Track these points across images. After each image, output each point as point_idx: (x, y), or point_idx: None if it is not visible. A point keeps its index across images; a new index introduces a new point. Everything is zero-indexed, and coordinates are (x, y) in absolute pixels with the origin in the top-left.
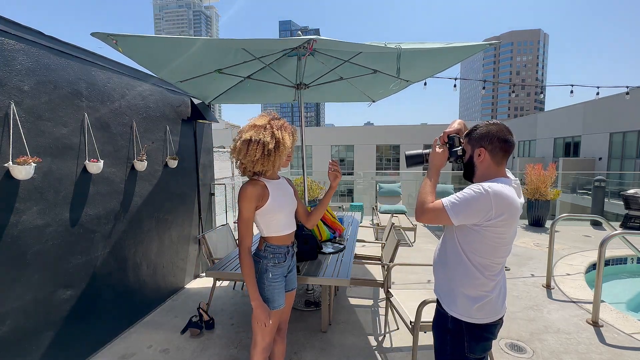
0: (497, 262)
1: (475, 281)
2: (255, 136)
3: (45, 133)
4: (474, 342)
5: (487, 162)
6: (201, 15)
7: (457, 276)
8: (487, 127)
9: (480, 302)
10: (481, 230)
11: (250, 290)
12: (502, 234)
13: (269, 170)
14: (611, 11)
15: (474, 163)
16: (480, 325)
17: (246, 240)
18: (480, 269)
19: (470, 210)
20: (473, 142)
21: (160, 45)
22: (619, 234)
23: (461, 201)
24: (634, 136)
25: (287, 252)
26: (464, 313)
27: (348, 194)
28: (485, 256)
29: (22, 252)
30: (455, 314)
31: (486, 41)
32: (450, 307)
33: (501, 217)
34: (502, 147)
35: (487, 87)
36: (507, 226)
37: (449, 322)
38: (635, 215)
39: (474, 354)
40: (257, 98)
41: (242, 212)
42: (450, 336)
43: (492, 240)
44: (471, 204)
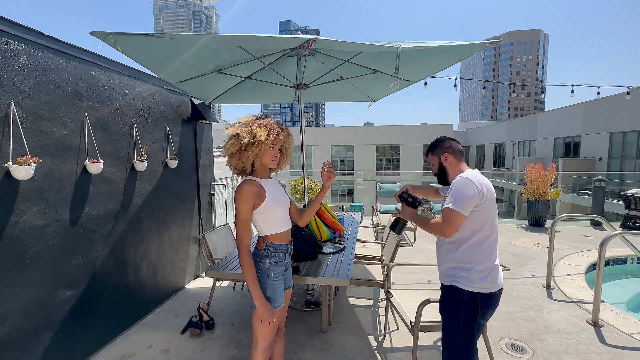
0: (492, 233)
1: (483, 255)
2: (233, 131)
3: (45, 133)
4: (486, 309)
5: (453, 162)
6: (201, 15)
7: (469, 255)
8: (440, 139)
9: (490, 273)
10: (479, 210)
11: (253, 289)
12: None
13: (248, 166)
14: (611, 11)
15: (444, 167)
16: (491, 294)
17: (245, 240)
18: (484, 243)
19: (468, 198)
20: (437, 153)
21: (160, 43)
22: (619, 234)
23: (457, 196)
24: (634, 136)
25: (286, 250)
26: (480, 286)
27: (348, 194)
28: (485, 230)
29: (22, 252)
30: (472, 288)
31: (486, 41)
32: (467, 284)
33: (485, 192)
34: (457, 147)
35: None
36: (491, 199)
37: (464, 295)
38: (635, 215)
39: (483, 319)
40: (257, 98)
41: (239, 212)
42: (465, 307)
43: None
44: (465, 193)
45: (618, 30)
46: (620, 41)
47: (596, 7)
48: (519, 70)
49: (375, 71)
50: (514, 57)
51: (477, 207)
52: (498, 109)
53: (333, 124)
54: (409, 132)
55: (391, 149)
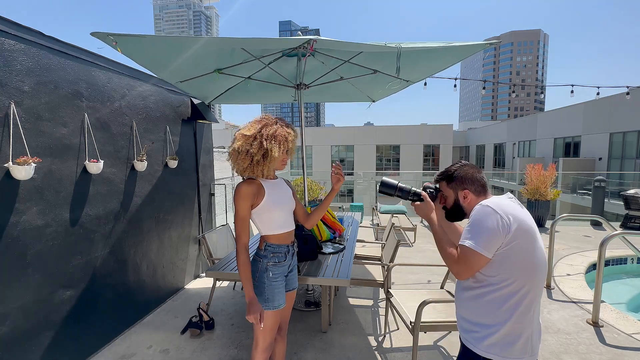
0: (526, 285)
1: (509, 314)
2: (242, 147)
3: (45, 133)
4: None
5: (473, 199)
6: (201, 15)
7: (489, 310)
8: (462, 169)
9: (518, 340)
10: (506, 251)
11: (245, 286)
12: (523, 247)
13: (259, 175)
14: (611, 11)
15: (461, 205)
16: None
17: (242, 238)
18: (513, 298)
19: (492, 234)
20: (455, 186)
21: (160, 45)
22: (619, 234)
23: (476, 230)
24: (634, 136)
25: (287, 251)
26: (490, 350)
27: (348, 194)
28: (513, 280)
29: (22, 252)
30: (480, 351)
31: (486, 41)
32: (475, 344)
33: (515, 226)
34: (481, 181)
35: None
36: (525, 235)
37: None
38: (635, 215)
39: None
40: (257, 98)
41: (237, 211)
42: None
43: (516, 258)
44: (486, 226)
45: (618, 30)
46: (620, 41)
47: (596, 7)
48: (519, 71)
49: (375, 71)
50: (514, 57)
51: (503, 247)
52: (498, 109)
53: (333, 124)
54: (409, 132)
55: (391, 149)
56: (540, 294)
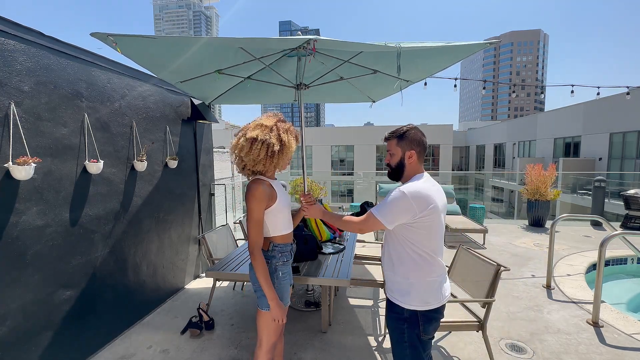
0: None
1: (421, 271)
2: (261, 136)
3: (45, 133)
4: (427, 324)
5: (415, 162)
6: (201, 15)
7: (407, 271)
8: (414, 131)
9: (431, 290)
10: (413, 226)
11: (268, 290)
12: (431, 224)
13: (270, 171)
14: (611, 11)
15: (404, 164)
16: (432, 310)
17: (258, 241)
18: (423, 259)
19: (397, 213)
20: (404, 145)
21: (160, 45)
22: (619, 234)
23: (387, 208)
24: (634, 136)
25: (291, 249)
26: (419, 303)
27: (348, 194)
28: (424, 247)
29: (22, 252)
30: (410, 306)
31: (486, 41)
32: (406, 301)
33: (424, 212)
34: (425, 146)
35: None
36: (434, 216)
37: (404, 312)
38: (635, 215)
39: (427, 334)
40: (257, 98)
41: (253, 213)
42: (407, 324)
43: (425, 231)
44: (395, 208)
45: (618, 30)
46: (620, 41)
47: (596, 7)
48: (519, 71)
49: (375, 71)
50: (514, 57)
51: (410, 224)
52: (498, 109)
53: (333, 124)
54: None
55: None
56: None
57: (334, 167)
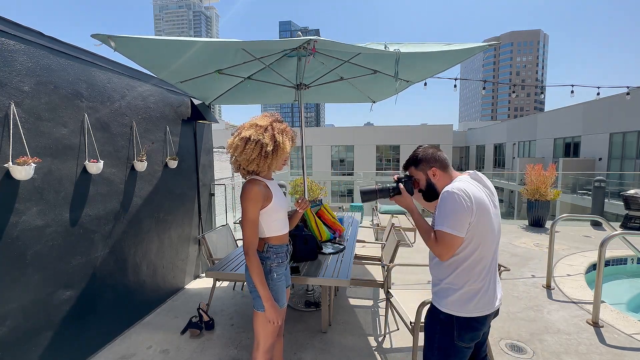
0: (479, 251)
1: (466, 276)
2: (254, 135)
3: (45, 133)
4: (463, 331)
5: (441, 175)
6: (201, 15)
7: (449, 276)
8: (425, 151)
9: (475, 297)
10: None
11: (262, 290)
12: (478, 224)
13: (264, 171)
14: (611, 11)
15: (432, 183)
16: (470, 319)
17: (253, 242)
18: (466, 262)
19: (461, 215)
20: (423, 167)
21: (160, 46)
22: (619, 234)
23: (447, 215)
24: (634, 136)
25: (287, 250)
26: (455, 309)
27: (348, 195)
28: (469, 248)
29: (22, 252)
30: (447, 309)
31: (486, 41)
32: (442, 305)
33: (475, 207)
34: (443, 158)
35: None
36: (481, 213)
37: (440, 314)
38: (635, 215)
39: (463, 342)
40: (257, 99)
41: (247, 214)
42: (440, 326)
43: (475, 235)
44: (456, 210)
45: (618, 30)
46: (620, 41)
47: (596, 7)
48: (519, 71)
49: (375, 72)
50: (514, 57)
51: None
52: (498, 109)
53: (333, 124)
54: (409, 132)
55: (391, 149)
56: (492, 256)
57: (334, 167)
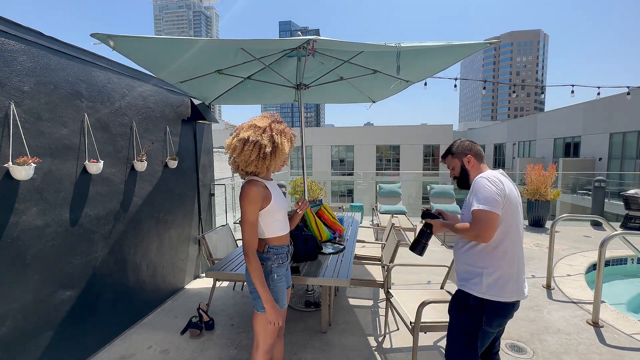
0: (510, 237)
1: (497, 261)
2: (253, 137)
3: (45, 133)
4: (493, 317)
5: (475, 164)
6: (201, 15)
7: (481, 260)
8: (461, 141)
9: (506, 282)
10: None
11: (263, 292)
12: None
13: (263, 172)
14: (611, 11)
15: (466, 170)
16: (502, 303)
17: (253, 243)
18: (499, 247)
19: (496, 195)
20: (459, 155)
21: (160, 46)
22: (619, 234)
23: (483, 195)
24: (634, 136)
25: (287, 251)
26: (490, 293)
27: (348, 195)
28: (501, 233)
29: (22, 252)
30: (478, 293)
31: (486, 41)
32: (474, 290)
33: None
34: (478, 149)
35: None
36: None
37: (470, 299)
38: (635, 215)
39: (490, 327)
40: (257, 99)
41: (247, 215)
42: (469, 312)
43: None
44: (491, 190)
45: (618, 30)
46: (620, 41)
47: (596, 7)
48: (519, 71)
49: (375, 71)
50: (514, 57)
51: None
52: (498, 109)
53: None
54: (409, 132)
55: (391, 149)
56: (520, 245)
57: (334, 167)
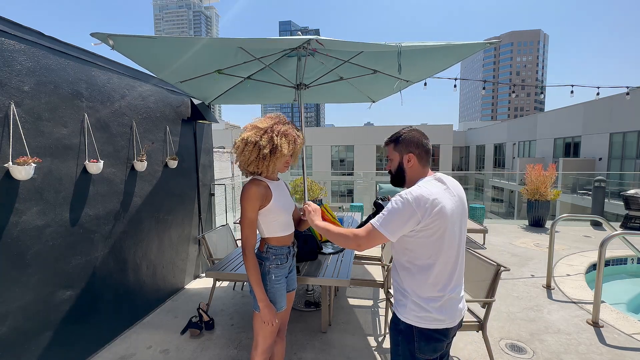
0: (442, 261)
1: (426, 285)
2: (252, 138)
3: (45, 133)
4: (423, 343)
5: (416, 165)
6: (201, 15)
7: (406, 283)
8: (410, 133)
9: (430, 308)
10: (416, 235)
11: (257, 290)
12: (437, 231)
13: (264, 172)
14: (611, 11)
15: (403, 169)
16: (428, 330)
17: (250, 241)
18: (425, 273)
19: (399, 222)
20: (401, 149)
21: (160, 46)
22: (619, 234)
23: (388, 217)
24: (634, 136)
25: (288, 252)
26: (414, 319)
27: (348, 195)
28: (427, 257)
29: (22, 252)
30: (404, 318)
31: (486, 41)
32: (400, 312)
33: (429, 218)
34: (425, 148)
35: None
36: (441, 222)
37: (400, 324)
38: (635, 215)
39: (424, 354)
40: (257, 99)
41: (245, 212)
42: (401, 336)
43: (431, 241)
44: (397, 216)
45: (618, 30)
46: (620, 41)
47: (596, 7)
48: (519, 71)
49: (375, 71)
50: (514, 57)
51: (416, 231)
52: (498, 109)
53: (333, 124)
54: None
55: None
56: (453, 265)
57: (334, 167)
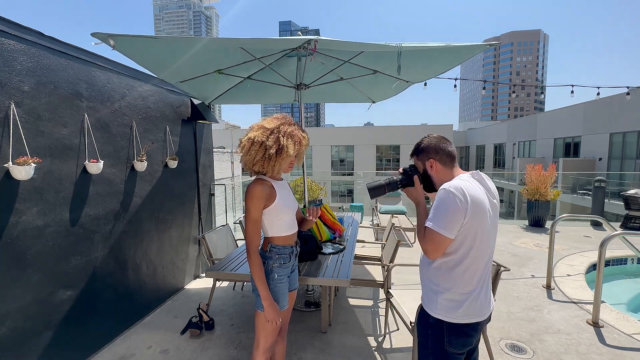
0: (471, 255)
1: (455, 280)
2: (259, 137)
3: (45, 133)
4: (453, 338)
5: (440, 169)
6: (201, 15)
7: (437, 278)
8: (427, 141)
9: (464, 302)
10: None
11: (261, 289)
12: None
13: (270, 172)
14: (611, 11)
15: (429, 175)
16: (461, 324)
17: (255, 240)
18: (458, 266)
19: (452, 215)
20: (422, 157)
21: (160, 45)
22: (619, 234)
23: (438, 213)
24: (634, 136)
25: (291, 252)
26: (444, 314)
27: (348, 195)
28: (460, 252)
29: (22, 252)
30: (435, 314)
31: (486, 42)
32: (431, 308)
33: (471, 207)
34: (446, 151)
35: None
36: (476, 215)
37: (430, 318)
38: (635, 215)
39: (453, 348)
40: (257, 98)
41: (250, 212)
42: (431, 331)
43: (466, 233)
44: (447, 209)
45: (618, 30)
46: (620, 41)
47: (596, 7)
48: (519, 71)
49: (375, 72)
50: (514, 57)
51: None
52: (498, 110)
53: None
54: (409, 132)
55: (391, 149)
56: (486, 261)
57: (334, 167)
